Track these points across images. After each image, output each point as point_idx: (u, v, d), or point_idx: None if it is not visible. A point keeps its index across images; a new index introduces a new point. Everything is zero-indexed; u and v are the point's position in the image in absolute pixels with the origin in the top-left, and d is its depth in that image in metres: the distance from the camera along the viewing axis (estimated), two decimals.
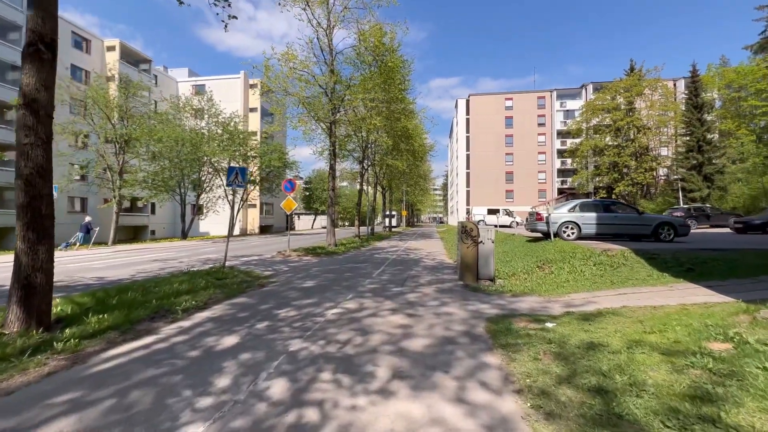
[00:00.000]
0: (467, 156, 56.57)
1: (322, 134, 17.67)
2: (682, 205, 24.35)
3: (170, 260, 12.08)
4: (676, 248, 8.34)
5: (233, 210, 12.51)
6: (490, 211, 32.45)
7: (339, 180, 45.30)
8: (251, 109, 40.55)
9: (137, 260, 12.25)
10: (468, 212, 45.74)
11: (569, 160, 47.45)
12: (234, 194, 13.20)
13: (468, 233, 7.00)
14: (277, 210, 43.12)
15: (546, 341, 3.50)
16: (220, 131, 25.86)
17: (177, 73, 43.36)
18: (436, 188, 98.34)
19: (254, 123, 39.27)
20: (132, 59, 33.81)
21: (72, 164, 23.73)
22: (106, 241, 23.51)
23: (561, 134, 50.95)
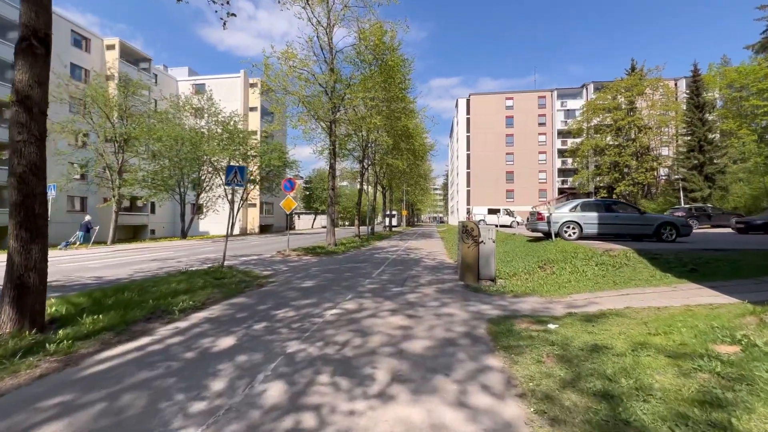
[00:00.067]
0: (468, 155, 56.48)
1: (322, 133, 17.63)
2: (684, 205, 24.25)
3: (169, 259, 12.02)
4: (679, 248, 8.28)
5: (232, 209, 12.44)
6: (491, 211, 32.40)
7: (339, 179, 45.25)
8: (251, 109, 40.47)
9: (136, 259, 12.18)
10: (468, 212, 45.70)
11: (570, 160, 47.34)
12: (233, 193, 13.12)
13: (469, 233, 6.93)
14: (277, 209, 43.05)
15: (549, 343, 3.43)
16: (220, 130, 25.79)
17: (177, 72, 43.28)
18: (437, 188, 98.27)
19: (254, 122, 39.21)
20: (132, 58, 33.73)
21: (71, 163, 23.65)
22: (106, 241, 23.47)
23: (562, 134, 50.86)
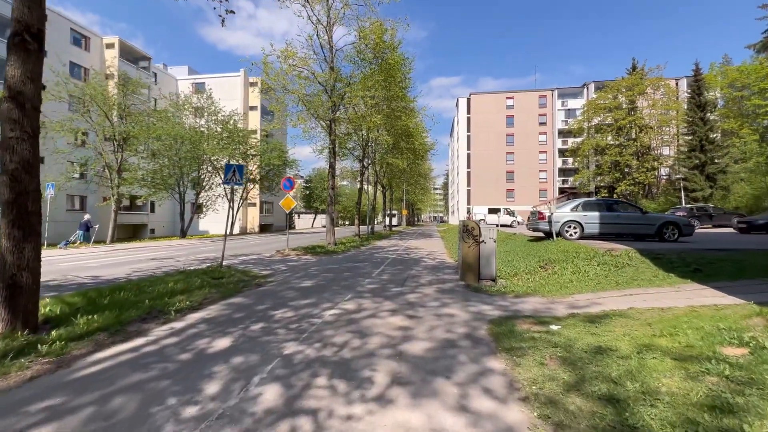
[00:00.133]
0: (468, 155, 56.38)
1: (322, 132, 17.54)
2: (685, 205, 24.17)
3: (168, 259, 11.95)
4: (681, 248, 8.21)
5: (232, 208, 12.36)
6: (491, 211, 32.35)
7: (339, 179, 45.20)
8: (251, 108, 40.35)
9: (134, 259, 12.11)
10: (469, 211, 45.63)
11: (570, 160, 47.24)
12: (233, 192, 13.04)
13: (469, 232, 6.86)
14: (277, 209, 42.96)
15: (551, 345, 3.36)
16: (220, 129, 25.69)
17: (177, 71, 43.18)
18: (437, 187, 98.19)
19: (254, 121, 39.11)
20: (131, 57, 33.61)
21: (71, 162, 23.57)
22: (105, 240, 23.40)
23: (562, 133, 50.77)
